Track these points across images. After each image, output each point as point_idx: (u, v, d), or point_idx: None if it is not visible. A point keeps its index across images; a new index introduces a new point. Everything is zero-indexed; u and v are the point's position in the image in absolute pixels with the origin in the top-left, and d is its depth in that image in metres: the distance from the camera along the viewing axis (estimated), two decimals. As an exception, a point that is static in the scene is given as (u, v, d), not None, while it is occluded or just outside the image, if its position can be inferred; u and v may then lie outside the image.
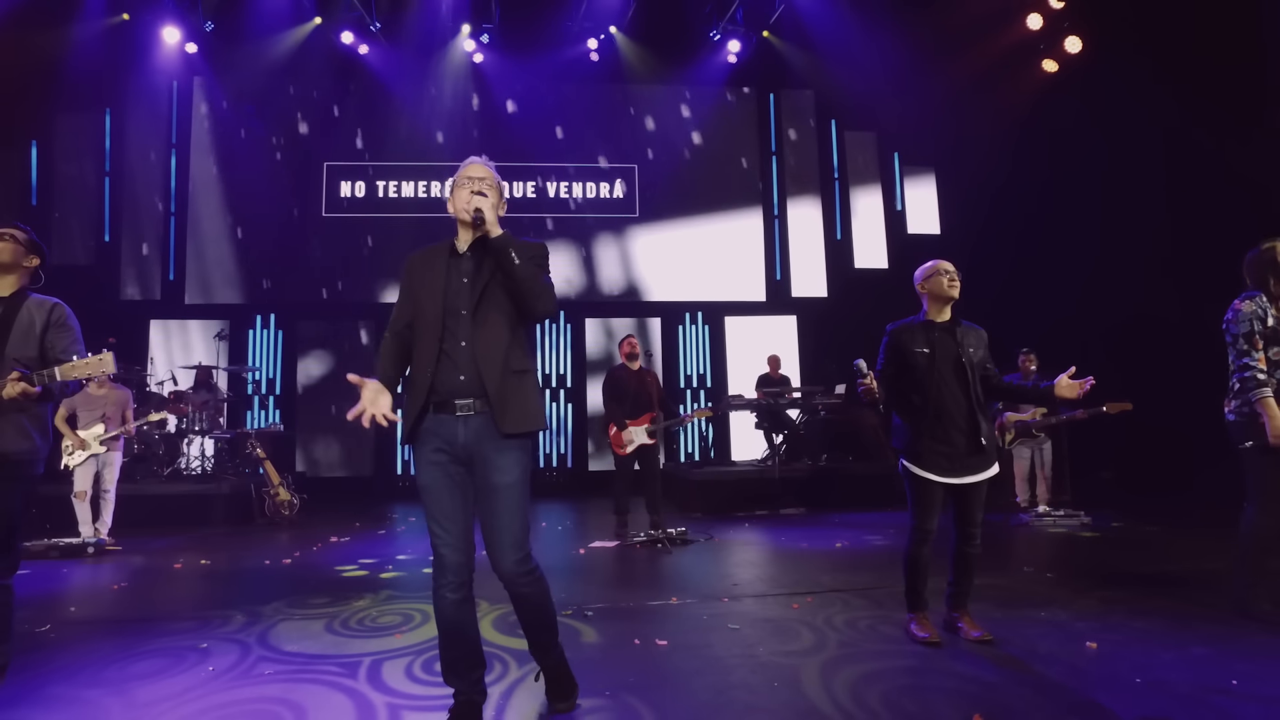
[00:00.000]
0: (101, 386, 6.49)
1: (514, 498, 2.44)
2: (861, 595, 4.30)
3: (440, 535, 2.45)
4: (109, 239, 10.16)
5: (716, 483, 8.41)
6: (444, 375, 2.43)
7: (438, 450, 2.46)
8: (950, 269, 3.51)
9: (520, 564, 2.45)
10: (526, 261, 2.44)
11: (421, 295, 2.51)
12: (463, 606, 2.48)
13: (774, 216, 11.33)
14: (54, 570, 5.50)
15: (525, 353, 2.53)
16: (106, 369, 2.71)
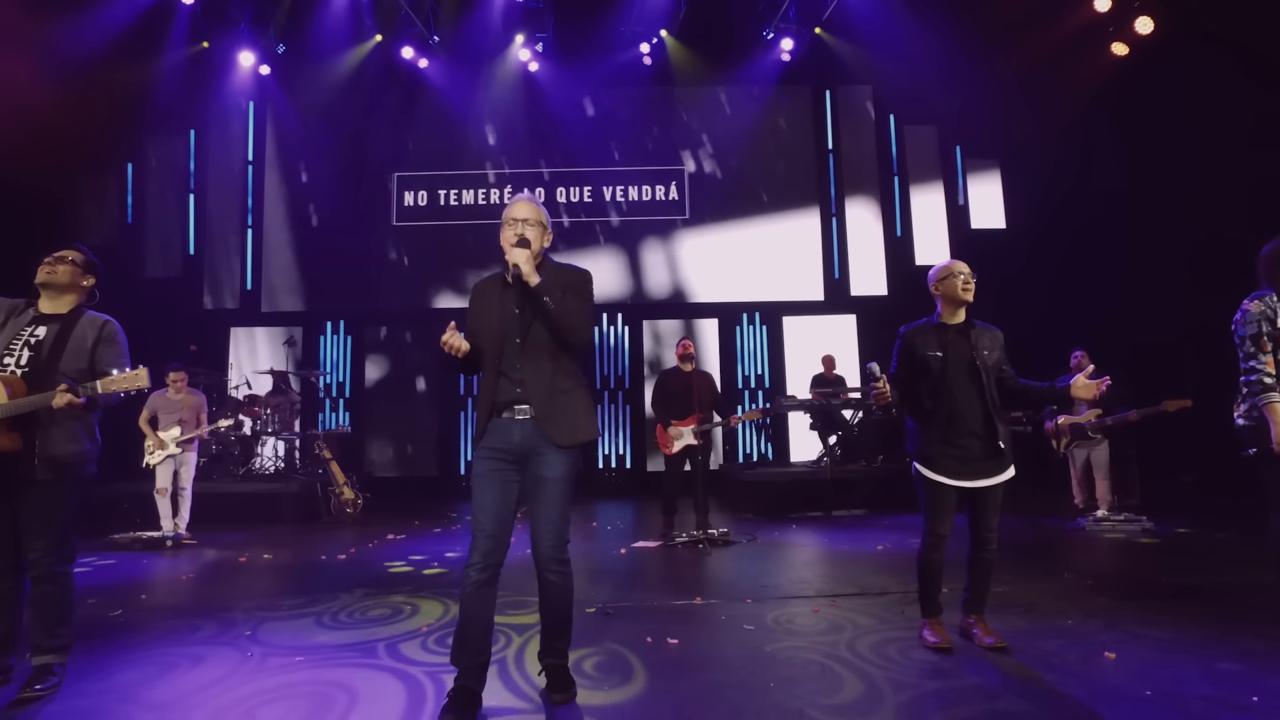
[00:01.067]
0: (179, 392, 6.96)
1: (559, 491, 2.76)
2: (885, 599, 4.26)
3: (479, 519, 2.74)
4: (193, 252, 10.85)
5: (768, 484, 8.38)
6: (503, 392, 2.80)
7: (495, 448, 2.78)
8: (965, 271, 3.45)
9: (556, 550, 2.77)
10: (562, 301, 2.75)
11: (482, 322, 2.87)
12: (484, 589, 2.71)
13: (831, 214, 11.19)
14: (135, 561, 5.96)
15: (571, 373, 2.86)
16: (140, 383, 2.95)
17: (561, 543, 2.79)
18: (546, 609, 2.85)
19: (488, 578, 2.71)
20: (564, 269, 2.93)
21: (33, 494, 2.99)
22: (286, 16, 10.12)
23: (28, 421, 2.96)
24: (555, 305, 2.72)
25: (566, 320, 2.74)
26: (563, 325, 2.74)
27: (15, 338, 3.08)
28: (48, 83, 8.98)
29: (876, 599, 4.28)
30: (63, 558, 3.07)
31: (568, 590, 2.84)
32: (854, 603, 4.22)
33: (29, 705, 2.89)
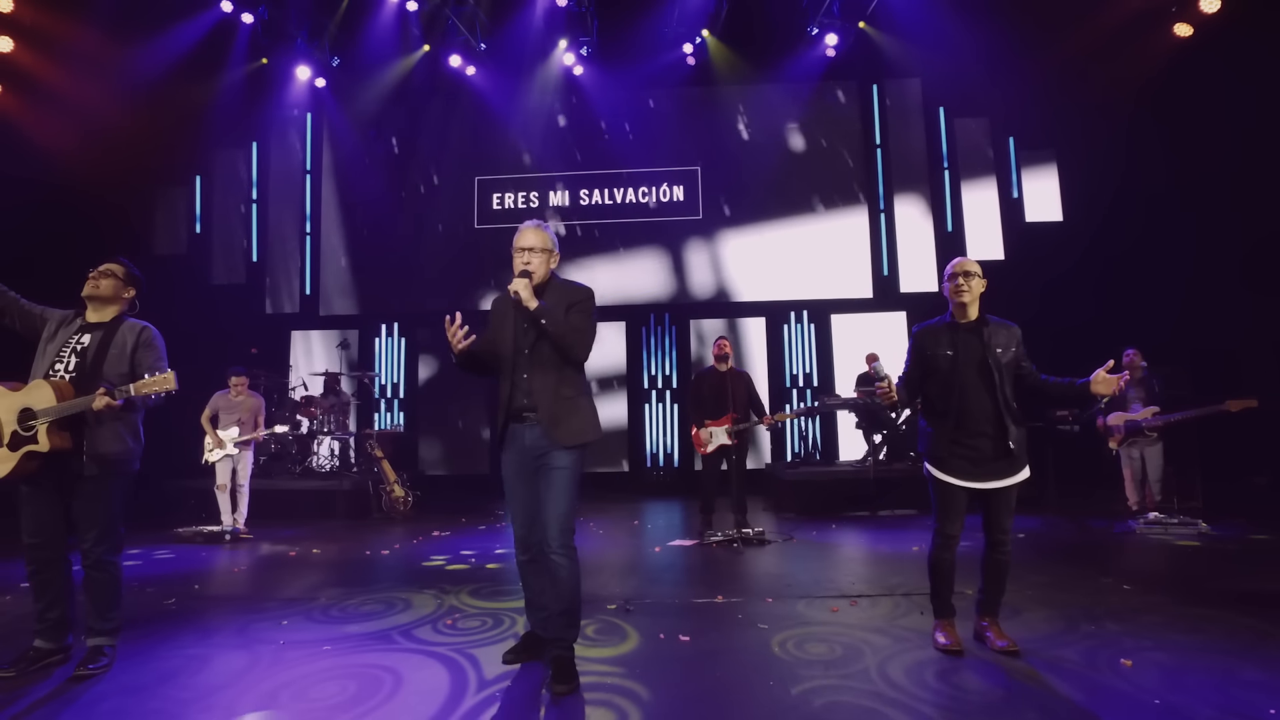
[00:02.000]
0: (239, 394, 7.32)
1: (564, 480, 3.06)
2: (907, 600, 4.22)
3: (513, 512, 3.24)
4: (256, 259, 11.35)
5: (810, 483, 8.33)
6: (515, 400, 3.15)
7: (515, 452, 3.17)
8: (960, 270, 3.40)
9: (562, 535, 3.04)
10: (563, 320, 3.08)
11: (498, 335, 3.24)
12: (530, 565, 3.26)
13: (879, 210, 11.01)
14: (194, 553, 6.30)
15: (574, 382, 3.18)
16: (169, 386, 3.16)
17: (567, 528, 3.05)
18: (554, 594, 3.06)
19: (532, 556, 3.23)
20: (569, 287, 3.23)
21: (83, 489, 3.24)
22: (338, 29, 10.48)
23: (77, 422, 3.20)
24: (555, 325, 3.04)
25: (567, 339, 3.06)
26: (563, 344, 3.07)
27: (64, 346, 3.34)
28: (122, 103, 9.54)
29: (899, 600, 4.24)
30: (111, 548, 3.31)
31: (574, 575, 3.06)
32: (875, 603, 4.20)
33: (82, 682, 3.14)
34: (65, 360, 3.31)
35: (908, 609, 4.02)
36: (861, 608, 4.10)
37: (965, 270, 3.41)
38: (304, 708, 2.85)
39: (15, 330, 3.43)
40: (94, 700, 2.96)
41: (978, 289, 3.40)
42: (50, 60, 9.17)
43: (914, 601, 4.17)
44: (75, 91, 9.20)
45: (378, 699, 2.92)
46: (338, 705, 2.86)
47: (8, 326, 3.43)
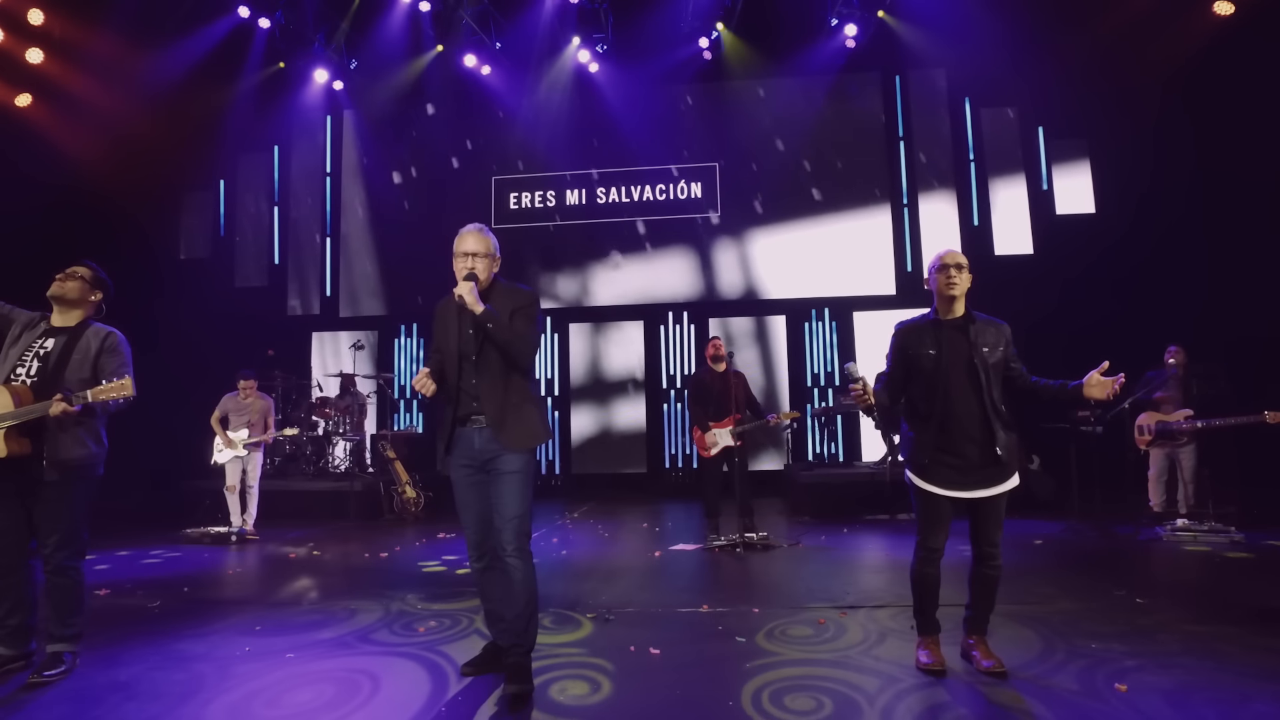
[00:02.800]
0: (248, 396, 7.35)
1: (515, 484, 3.00)
2: (901, 612, 4.00)
3: (464, 520, 3.16)
4: (278, 261, 11.48)
5: (825, 485, 8.12)
6: (463, 404, 3.09)
7: (463, 456, 3.11)
8: (951, 262, 3.19)
9: (516, 538, 2.98)
10: (508, 326, 3.03)
11: (443, 341, 3.15)
12: (486, 574, 3.18)
13: (902, 205, 10.70)
14: (196, 555, 6.33)
15: (521, 387, 3.11)
16: (126, 392, 3.13)
17: (522, 531, 3.00)
18: (510, 599, 3.01)
19: (486, 564, 3.16)
20: (513, 291, 3.17)
21: (44, 494, 3.22)
22: (350, 29, 10.53)
23: (37, 428, 3.17)
24: (500, 331, 2.98)
25: (513, 346, 3.01)
26: (509, 350, 3.01)
27: (27, 350, 3.32)
28: (145, 109, 9.71)
29: (892, 610, 4.03)
30: (73, 553, 3.28)
31: (529, 578, 3.00)
32: (867, 614, 4.00)
33: (35, 689, 3.10)
34: (27, 364, 3.28)
35: (900, 623, 3.81)
36: (851, 620, 3.91)
37: (956, 262, 3.19)
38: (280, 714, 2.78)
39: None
40: (42, 708, 2.93)
41: (966, 283, 3.19)
42: (75, 68, 9.37)
43: (904, 613, 3.96)
44: (99, 98, 9.39)
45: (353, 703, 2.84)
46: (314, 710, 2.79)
47: None
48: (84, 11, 9.04)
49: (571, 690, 3.01)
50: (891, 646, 3.44)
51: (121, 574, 5.52)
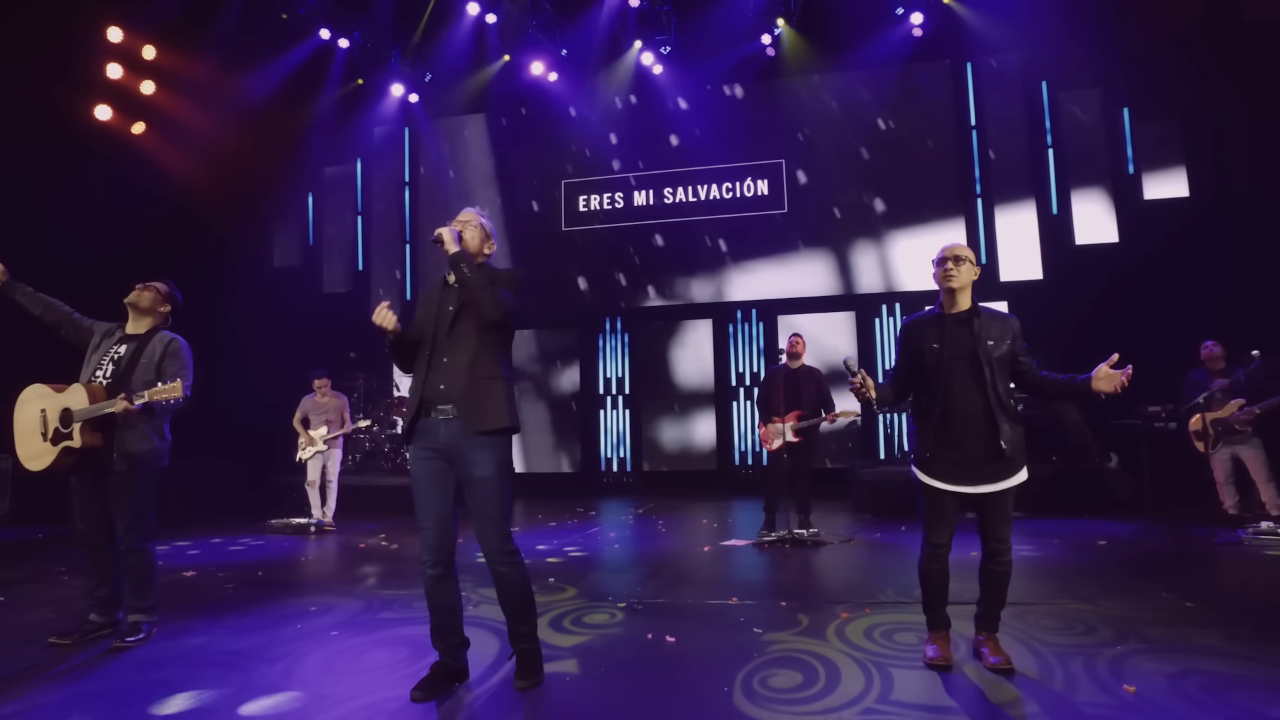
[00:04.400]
0: (324, 395, 7.86)
1: (492, 488, 2.86)
2: (927, 609, 3.97)
3: (421, 518, 2.94)
4: (362, 268, 12.13)
5: (886, 483, 7.99)
6: (430, 384, 2.93)
7: (425, 448, 2.94)
8: (950, 254, 3.16)
9: (499, 543, 2.88)
10: (480, 273, 2.89)
11: (422, 320, 3.04)
12: (440, 582, 2.93)
13: (975, 195, 10.37)
14: (277, 543, 6.83)
15: (494, 362, 2.94)
16: (175, 394, 3.46)
17: (503, 536, 2.90)
18: (504, 598, 2.97)
19: (441, 572, 2.92)
20: (496, 268, 3.12)
21: (114, 482, 3.62)
22: (421, 43, 11.01)
23: (108, 423, 3.57)
24: (473, 274, 2.87)
25: (482, 291, 2.85)
26: (477, 295, 2.86)
27: (105, 355, 3.75)
28: (240, 130, 10.49)
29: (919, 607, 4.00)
30: (141, 535, 3.67)
31: (520, 580, 2.95)
32: (893, 610, 3.99)
33: (118, 653, 3.51)
34: (104, 368, 3.71)
35: (916, 619, 3.78)
36: (875, 615, 3.91)
37: (955, 254, 3.16)
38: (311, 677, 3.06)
39: (69, 340, 3.88)
40: (119, 668, 3.30)
41: (968, 275, 3.16)
42: (179, 96, 10.20)
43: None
44: (199, 122, 10.20)
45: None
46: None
47: (63, 338, 3.89)
48: (186, 44, 9.82)
49: (570, 669, 3.16)
50: (902, 641, 3.44)
51: (208, 559, 6.05)
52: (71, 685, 3.12)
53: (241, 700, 2.91)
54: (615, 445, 11.46)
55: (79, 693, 3.03)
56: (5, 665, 3.39)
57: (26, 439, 3.64)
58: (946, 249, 3.19)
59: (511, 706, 2.82)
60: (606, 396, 11.50)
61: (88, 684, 3.13)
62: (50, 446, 3.55)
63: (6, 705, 2.92)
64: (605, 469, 11.42)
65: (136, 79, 9.96)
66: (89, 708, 2.87)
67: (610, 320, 11.57)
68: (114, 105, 9.79)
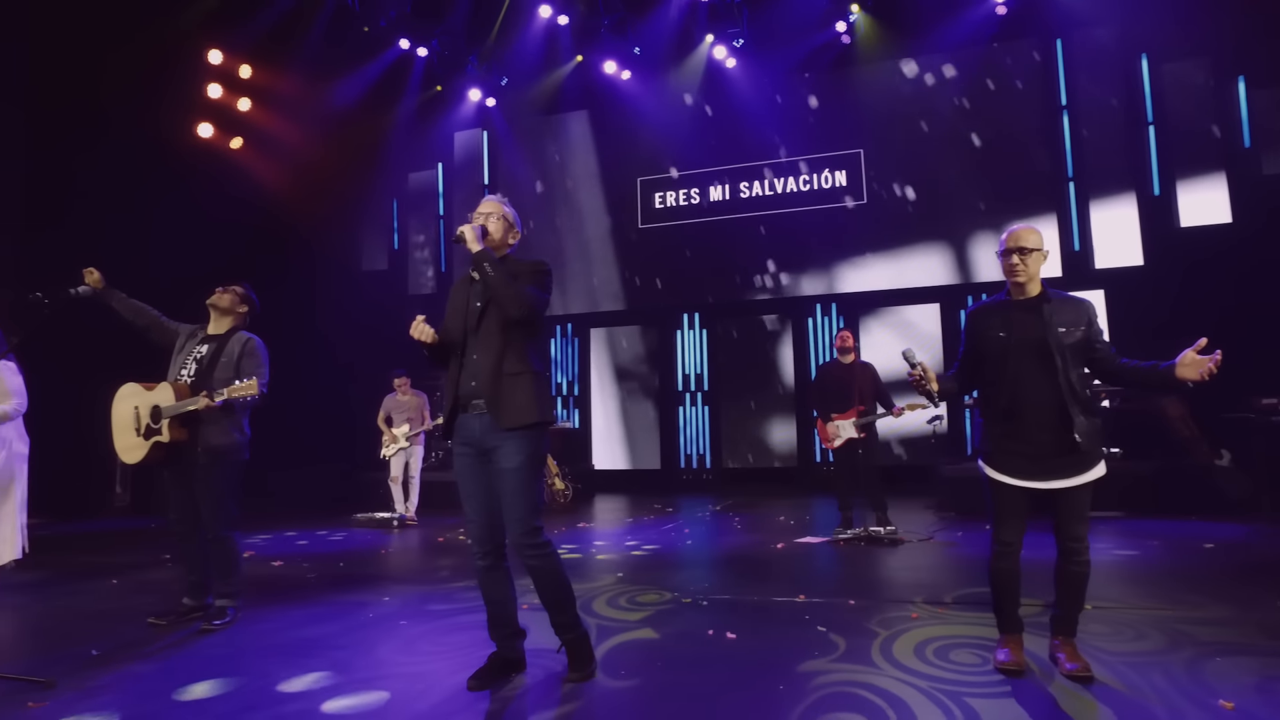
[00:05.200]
0: (405, 394, 8.12)
1: (519, 480, 2.85)
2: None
3: (467, 510, 3.00)
4: (444, 270, 12.47)
5: (969, 480, 7.63)
6: (462, 381, 2.97)
7: (463, 444, 2.99)
8: (1014, 246, 2.95)
9: (526, 536, 2.86)
10: (504, 270, 2.89)
11: (452, 316, 3.07)
12: (490, 573, 2.98)
13: (1067, 179, 9.82)
14: (360, 536, 7.11)
15: (521, 357, 2.93)
16: (250, 391, 3.63)
17: (530, 528, 2.86)
18: (539, 590, 2.97)
19: (491, 562, 2.96)
20: (522, 261, 3.08)
21: (198, 475, 3.84)
22: (495, 47, 11.21)
23: (193, 419, 3.80)
24: (497, 273, 2.87)
25: (506, 289, 2.85)
26: (499, 295, 2.85)
27: (190, 355, 3.99)
28: (327, 140, 10.97)
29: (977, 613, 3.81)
30: (224, 524, 3.88)
31: (554, 569, 2.94)
32: (964, 612, 3.82)
33: (205, 635, 3.72)
34: (188, 367, 3.94)
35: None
36: (947, 616, 3.75)
37: (1020, 246, 2.96)
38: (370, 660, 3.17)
39: (157, 343, 4.14)
40: (205, 648, 3.50)
41: (1036, 266, 2.96)
42: (270, 110, 10.75)
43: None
44: (289, 134, 10.72)
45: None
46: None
47: (152, 340, 4.15)
48: (277, 61, 10.34)
49: (628, 662, 3.15)
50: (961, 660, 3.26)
51: (295, 550, 6.35)
52: (163, 661, 3.33)
53: (309, 682, 3.03)
54: (695, 442, 11.41)
55: (169, 668, 3.23)
56: (109, 640, 3.66)
57: (123, 433, 3.91)
58: (1011, 239, 2.99)
59: (562, 701, 2.83)
60: (685, 393, 11.46)
61: (177, 661, 3.33)
62: (143, 441, 3.80)
63: (107, 675, 3.15)
64: (685, 466, 11.38)
65: (234, 97, 10.55)
66: (177, 682, 3.05)
67: (688, 316, 11.53)
68: (214, 123, 10.39)
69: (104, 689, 3.01)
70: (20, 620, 4.20)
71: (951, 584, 4.49)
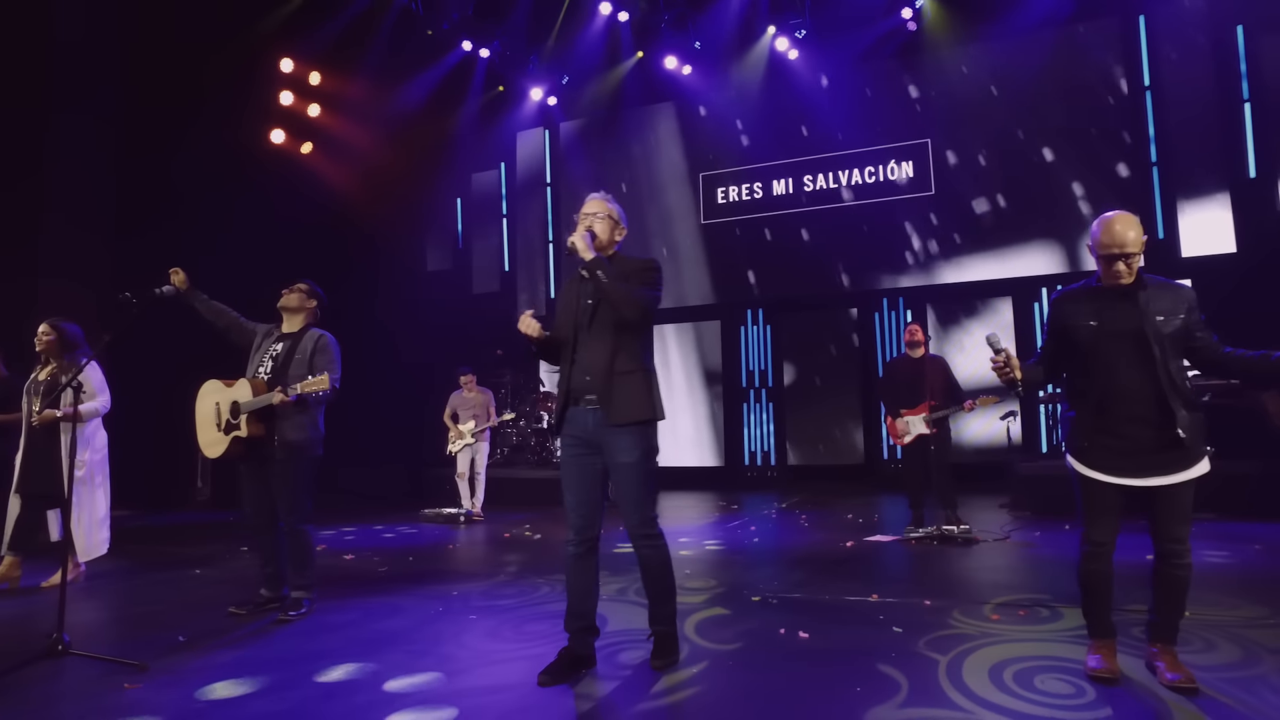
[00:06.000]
0: (470, 390, 8.22)
1: (636, 473, 2.97)
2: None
3: (568, 501, 3.10)
4: (508, 269, 12.61)
5: (1045, 478, 7.36)
6: (575, 377, 3.06)
7: (572, 436, 3.09)
8: (1118, 247, 2.69)
9: (643, 526, 3.01)
10: (616, 275, 2.96)
11: (563, 313, 3.17)
12: (580, 560, 3.05)
13: (1150, 164, 9.35)
14: (428, 531, 7.22)
15: (633, 355, 3.01)
16: (322, 386, 3.71)
17: (647, 519, 3.01)
18: (646, 580, 3.08)
19: (583, 551, 3.04)
20: (636, 259, 3.15)
21: (275, 469, 3.94)
22: (556, 45, 11.25)
23: (270, 415, 3.90)
24: (608, 278, 2.92)
25: (618, 294, 2.91)
26: (614, 296, 2.91)
27: (266, 353, 4.10)
28: (392, 142, 11.21)
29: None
30: (300, 518, 3.97)
31: (664, 561, 3.05)
32: (1052, 615, 3.65)
33: (282, 625, 3.81)
34: (265, 364, 4.06)
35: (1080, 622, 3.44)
36: (1030, 619, 3.59)
37: (1124, 250, 2.69)
38: (422, 664, 3.20)
39: (236, 344, 4.26)
40: (283, 638, 3.58)
41: (1140, 262, 2.76)
42: (338, 115, 11.04)
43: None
44: (356, 137, 10.98)
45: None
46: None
47: (232, 341, 4.27)
48: (344, 67, 10.60)
49: (700, 662, 3.10)
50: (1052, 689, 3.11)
51: (365, 543, 6.49)
52: (243, 650, 3.43)
53: (386, 674, 3.06)
54: (759, 439, 11.29)
55: (249, 657, 3.31)
56: (193, 628, 3.79)
57: (205, 428, 4.04)
58: (1111, 238, 2.72)
59: (640, 692, 2.81)
60: (749, 390, 11.34)
61: (256, 650, 3.42)
62: (223, 436, 3.92)
63: (192, 661, 3.26)
64: (749, 463, 11.27)
65: (304, 103, 10.86)
66: (256, 670, 3.12)
67: (751, 312, 11.40)
68: (286, 129, 10.72)
69: (193, 673, 3.10)
70: (111, 606, 4.38)
71: (1031, 586, 4.31)
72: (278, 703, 2.79)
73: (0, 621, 4.11)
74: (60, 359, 4.88)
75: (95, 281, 8.55)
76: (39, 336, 4.89)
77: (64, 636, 3.23)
